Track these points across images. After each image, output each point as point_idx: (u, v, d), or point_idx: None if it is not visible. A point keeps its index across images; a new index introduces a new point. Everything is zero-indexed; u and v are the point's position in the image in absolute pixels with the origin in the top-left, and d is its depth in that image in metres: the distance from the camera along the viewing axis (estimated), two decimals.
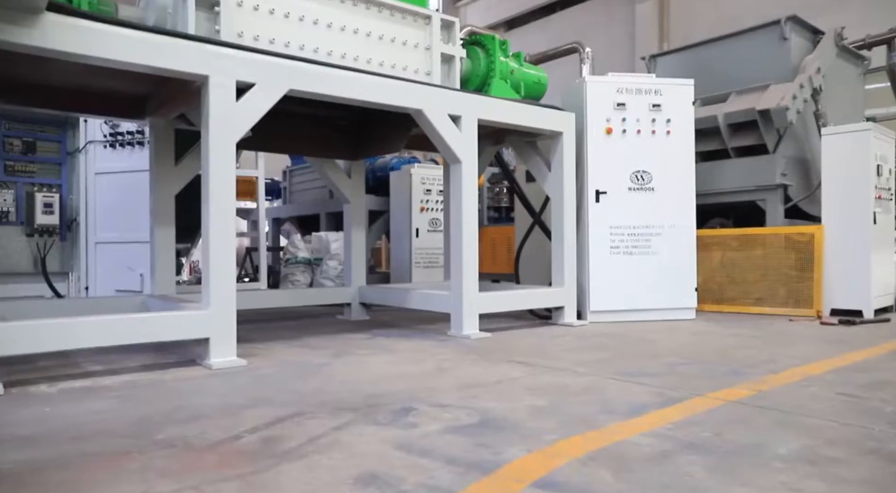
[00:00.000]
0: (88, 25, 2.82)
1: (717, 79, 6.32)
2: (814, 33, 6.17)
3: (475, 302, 4.24)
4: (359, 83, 3.71)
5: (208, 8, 3.46)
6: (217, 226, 3.20)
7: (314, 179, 8.62)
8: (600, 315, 4.94)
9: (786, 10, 14.48)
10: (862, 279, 5.06)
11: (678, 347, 3.71)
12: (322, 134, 4.75)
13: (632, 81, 5.04)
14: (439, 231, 7.19)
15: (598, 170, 4.95)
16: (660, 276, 5.01)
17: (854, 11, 13.02)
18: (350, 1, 3.99)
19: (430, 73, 4.35)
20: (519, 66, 5.07)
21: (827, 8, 13.46)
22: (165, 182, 4.32)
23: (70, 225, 5.89)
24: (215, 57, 3.17)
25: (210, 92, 3.17)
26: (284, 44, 3.71)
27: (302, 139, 4.71)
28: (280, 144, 4.63)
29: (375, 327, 4.81)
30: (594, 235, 4.94)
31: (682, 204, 5.08)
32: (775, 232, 5.46)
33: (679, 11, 16.06)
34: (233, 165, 3.30)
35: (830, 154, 5.22)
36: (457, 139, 4.14)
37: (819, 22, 13.72)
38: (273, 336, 4.31)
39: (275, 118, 3.54)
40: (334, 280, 7.33)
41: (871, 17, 12.63)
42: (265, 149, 5.92)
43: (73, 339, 2.82)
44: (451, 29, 4.49)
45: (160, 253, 4.35)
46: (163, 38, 3.03)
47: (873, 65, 9.68)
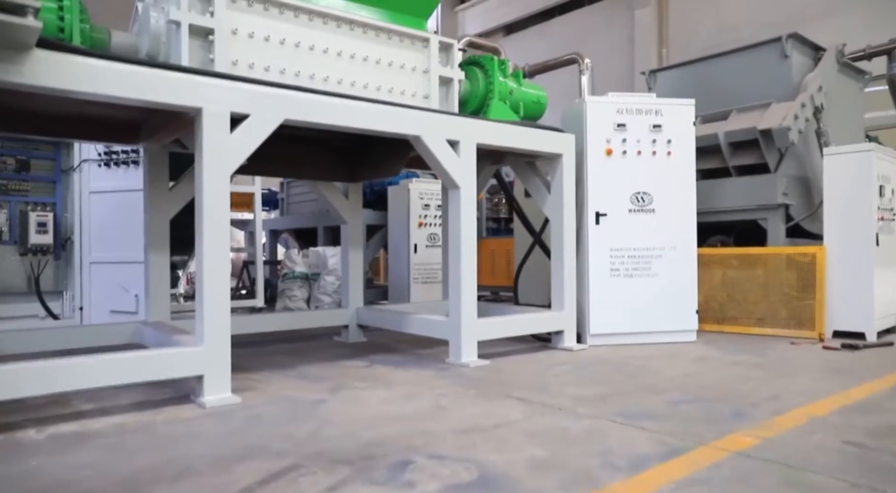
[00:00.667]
0: (79, 61, 2.76)
1: (717, 94, 6.28)
2: (815, 50, 6.12)
3: (474, 329, 4.19)
4: (355, 111, 3.65)
5: (202, 36, 3.40)
6: (211, 261, 3.14)
7: (312, 191, 8.56)
8: (600, 338, 4.88)
9: (786, 16, 14.50)
10: (864, 301, 5.01)
11: (680, 378, 3.66)
12: (318, 157, 4.70)
13: (632, 102, 4.99)
14: (438, 246, 7.14)
15: (598, 191, 4.89)
16: (660, 298, 4.95)
17: (856, 17, 12.98)
18: (346, 26, 3.94)
19: (428, 97, 4.29)
20: (518, 86, 5.01)
21: (828, 14, 13.44)
22: (159, 207, 4.26)
23: (64, 244, 5.83)
24: (209, 89, 3.11)
25: (203, 124, 3.12)
26: (280, 71, 3.66)
27: (297, 163, 4.65)
28: (275, 167, 4.57)
29: (373, 351, 4.76)
30: (594, 258, 4.88)
31: (682, 225, 5.02)
32: (777, 252, 5.41)
33: (678, 18, 16.01)
34: (227, 198, 3.23)
35: (832, 175, 5.17)
36: (455, 165, 4.09)
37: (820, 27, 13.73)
38: (268, 363, 4.25)
39: (269, 141, 3.48)
40: (332, 296, 7.29)
41: (872, 23, 12.61)
42: (259, 173, 5.87)
43: (63, 382, 2.76)
44: (449, 51, 4.43)
45: (154, 278, 4.29)
46: (154, 71, 2.97)
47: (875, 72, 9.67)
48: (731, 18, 14.83)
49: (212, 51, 3.40)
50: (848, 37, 12.79)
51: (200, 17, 3.34)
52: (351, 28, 3.95)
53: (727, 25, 14.93)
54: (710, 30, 15.25)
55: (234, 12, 3.50)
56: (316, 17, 3.81)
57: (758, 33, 14.16)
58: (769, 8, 14.15)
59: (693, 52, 15.60)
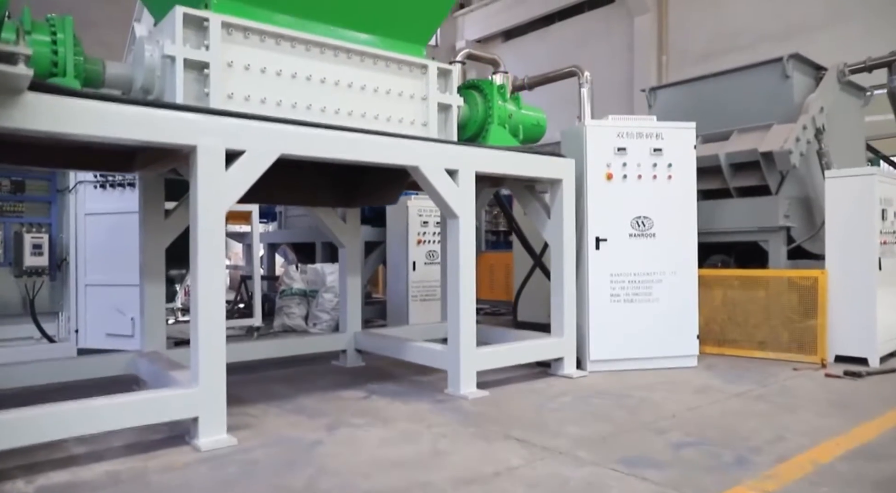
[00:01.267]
0: (70, 103, 2.71)
1: (718, 113, 6.24)
2: (816, 69, 6.08)
3: (472, 360, 4.14)
4: (352, 143, 3.60)
5: (198, 70, 3.35)
6: (206, 302, 3.09)
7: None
8: (600, 364, 4.84)
9: (784, 25, 14.46)
10: (867, 327, 4.97)
11: (681, 414, 3.61)
12: (315, 183, 4.64)
13: (632, 125, 4.94)
14: (436, 263, 7.09)
15: (598, 216, 4.85)
16: (661, 323, 4.91)
17: (855, 26, 12.95)
18: (344, 54, 3.89)
19: (427, 124, 4.25)
20: (517, 109, 4.97)
21: (827, 23, 13.40)
22: (155, 236, 4.21)
23: (60, 265, 5.77)
24: (203, 127, 3.06)
25: (198, 162, 3.07)
26: (276, 103, 3.61)
27: (293, 189, 4.60)
28: (270, 194, 4.51)
29: (371, 378, 4.71)
30: (594, 283, 4.84)
31: (683, 250, 4.98)
32: (778, 275, 5.37)
33: (678, 25, 15.98)
34: (222, 236, 3.19)
35: (833, 198, 5.13)
36: (454, 194, 4.04)
37: (819, 37, 13.70)
38: (265, 394, 4.20)
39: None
40: (330, 313, 7.25)
41: (872, 32, 12.57)
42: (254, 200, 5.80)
43: (57, 430, 2.71)
44: (448, 77, 4.39)
45: (149, 307, 4.25)
46: (147, 110, 2.92)
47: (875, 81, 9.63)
48: (730, 27, 14.80)
49: (207, 84, 3.35)
50: (847, 46, 12.82)
51: (195, 52, 3.30)
52: (348, 56, 3.91)
53: (726, 33, 14.90)
54: (709, 37, 15.22)
55: (229, 44, 3.45)
56: (313, 46, 3.76)
57: (756, 42, 14.25)
58: (768, 17, 14.12)
59: (692, 59, 15.62)
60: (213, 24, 3.34)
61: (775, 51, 14.24)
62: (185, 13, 3.28)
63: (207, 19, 3.33)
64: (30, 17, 3.20)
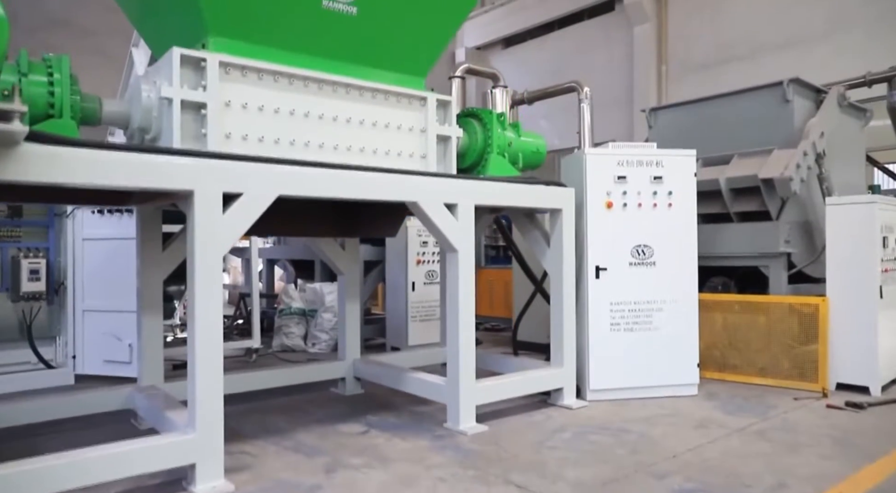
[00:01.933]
0: (67, 153, 2.69)
1: (718, 135, 6.22)
2: (816, 92, 6.06)
3: (472, 395, 4.12)
4: (351, 181, 3.58)
5: (195, 110, 3.33)
6: (203, 347, 3.06)
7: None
8: (600, 394, 4.82)
9: (783, 36, 14.46)
10: (868, 355, 4.95)
11: (682, 454, 3.58)
12: (313, 214, 4.62)
13: (633, 153, 4.92)
14: (436, 283, 7.07)
15: (598, 245, 4.83)
16: (661, 352, 4.89)
17: (856, 35, 12.93)
18: (343, 89, 3.87)
19: (426, 156, 4.23)
20: (517, 137, 4.95)
21: (826, 34, 13.39)
22: (152, 269, 4.19)
23: (57, 289, 5.75)
24: (200, 171, 3.04)
25: (195, 206, 3.04)
26: (274, 140, 3.59)
27: (292, 221, 4.56)
28: (268, 227, 4.50)
29: (369, 407, 4.69)
30: (594, 312, 4.82)
31: (683, 279, 4.96)
32: (779, 301, 5.34)
33: (677, 35, 15.97)
34: (220, 279, 3.17)
35: (834, 225, 5.11)
36: (453, 228, 4.02)
37: (821, 47, 13.67)
38: (263, 427, 4.18)
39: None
40: (328, 333, 7.24)
41: (873, 41, 12.56)
42: (253, 233, 5.80)
43: (47, 484, 2.67)
44: (447, 108, 4.37)
45: (147, 340, 4.22)
46: (144, 156, 2.90)
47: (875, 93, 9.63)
48: (730, 36, 14.79)
49: (204, 124, 3.33)
50: (847, 56, 12.82)
51: (192, 93, 3.28)
52: (347, 91, 3.89)
53: (726, 43, 14.89)
54: (709, 47, 15.20)
55: (227, 83, 3.43)
56: (311, 82, 3.74)
57: (756, 52, 14.25)
58: (768, 27, 14.11)
59: (692, 68, 15.61)
60: (210, 64, 3.32)
61: (775, 61, 14.30)
62: (183, 54, 3.26)
63: (205, 59, 3.32)
64: (27, 59, 3.17)
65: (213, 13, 3.36)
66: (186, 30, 3.55)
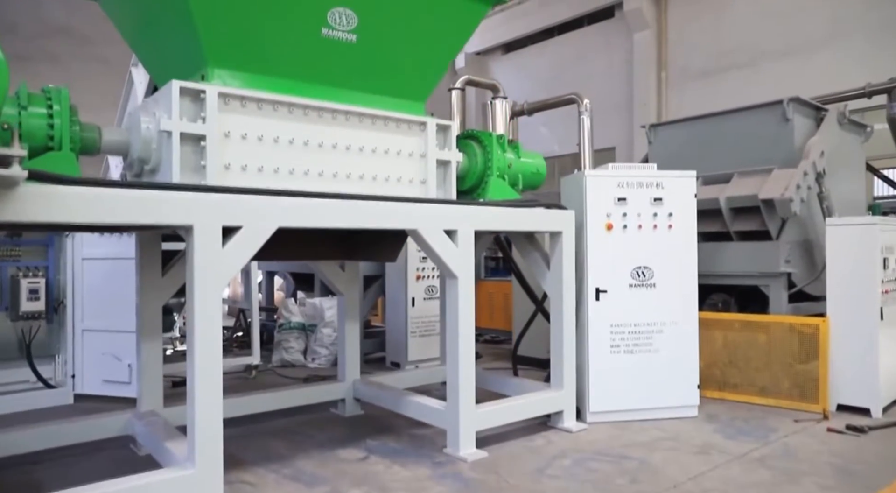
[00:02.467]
0: (65, 191, 2.68)
1: (718, 152, 6.23)
2: (816, 110, 6.06)
3: (472, 421, 4.11)
4: (350, 210, 3.57)
5: (194, 142, 3.33)
6: (202, 382, 3.06)
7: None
8: (600, 416, 4.81)
9: (783, 44, 14.45)
10: (869, 376, 4.94)
11: (683, 484, 3.57)
12: (314, 239, 4.61)
13: (633, 174, 4.92)
14: (435, 298, 7.06)
15: (598, 267, 4.82)
16: (661, 374, 4.88)
17: (857, 43, 12.94)
18: (343, 116, 3.87)
19: (426, 181, 4.22)
20: (516, 158, 4.94)
21: (826, 42, 13.40)
22: (152, 295, 4.18)
23: (57, 308, 5.74)
24: (199, 206, 3.03)
25: (194, 240, 3.04)
26: (274, 170, 3.59)
27: (292, 246, 4.55)
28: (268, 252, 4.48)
29: (369, 430, 4.67)
30: (594, 334, 4.81)
31: (683, 300, 4.95)
32: (779, 321, 5.34)
33: (677, 41, 15.98)
34: (219, 312, 3.16)
35: (835, 246, 5.10)
36: (453, 255, 4.01)
37: (822, 54, 13.66)
38: (263, 453, 4.17)
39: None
40: (328, 348, 7.23)
41: (873, 49, 12.56)
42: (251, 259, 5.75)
43: None
44: (447, 132, 4.36)
45: (146, 365, 4.21)
46: (143, 193, 2.89)
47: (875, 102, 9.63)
48: (730, 44, 14.79)
49: (204, 157, 3.33)
50: (848, 64, 12.81)
51: (192, 125, 3.27)
52: (347, 118, 3.88)
53: (726, 50, 14.90)
54: (709, 54, 15.21)
55: (226, 114, 3.42)
56: (311, 110, 3.74)
57: (757, 59, 14.25)
58: (768, 34, 14.11)
59: (691, 75, 15.61)
60: (209, 96, 3.31)
61: (776, 68, 14.30)
62: (182, 87, 3.25)
63: (204, 91, 3.31)
64: (26, 91, 3.17)
65: (213, 44, 3.36)
66: (186, 59, 3.55)
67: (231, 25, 3.38)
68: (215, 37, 3.35)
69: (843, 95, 9.25)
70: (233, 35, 3.41)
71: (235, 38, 3.42)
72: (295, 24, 3.56)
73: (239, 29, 3.41)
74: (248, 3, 3.39)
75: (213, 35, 3.34)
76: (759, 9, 14.43)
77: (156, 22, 3.62)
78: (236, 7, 3.36)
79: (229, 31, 3.39)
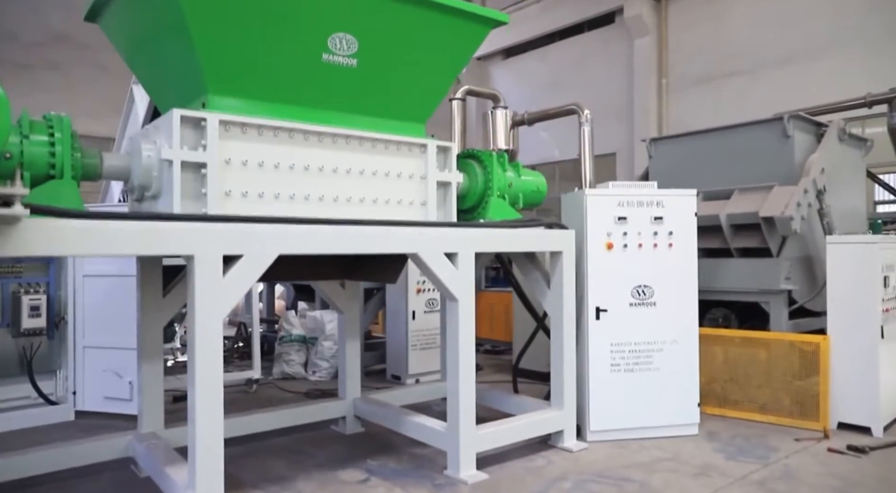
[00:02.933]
0: (67, 225, 2.70)
1: (718, 167, 6.24)
2: (817, 126, 6.06)
3: (472, 443, 4.11)
4: (350, 236, 3.58)
5: (195, 169, 3.33)
6: (203, 411, 3.06)
7: None
8: (601, 434, 4.82)
9: (784, 50, 14.44)
10: (870, 395, 4.94)
11: None
12: (315, 260, 4.61)
13: (633, 193, 4.92)
14: (436, 311, 7.07)
15: (598, 286, 4.83)
16: (661, 393, 4.89)
17: (855, 53, 12.94)
18: (343, 140, 3.88)
19: (426, 203, 4.23)
20: (517, 177, 4.95)
21: (827, 49, 13.40)
22: (153, 317, 4.19)
23: (58, 323, 5.75)
24: (200, 236, 3.05)
25: (196, 269, 3.05)
26: (275, 195, 3.60)
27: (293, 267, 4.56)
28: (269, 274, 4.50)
29: (370, 450, 4.67)
30: (594, 353, 4.82)
31: (684, 319, 4.96)
32: (780, 338, 5.34)
33: (678, 47, 15.97)
34: (220, 340, 3.17)
35: (835, 263, 5.10)
36: (453, 277, 4.02)
37: (822, 62, 13.65)
38: (263, 474, 4.17)
39: None
40: (329, 361, 7.24)
41: (874, 58, 12.57)
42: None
43: None
44: (447, 154, 4.37)
45: (147, 388, 4.22)
46: (144, 224, 2.91)
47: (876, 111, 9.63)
48: (730, 50, 14.79)
49: (204, 184, 3.33)
50: (847, 73, 12.81)
51: (192, 153, 3.28)
52: (347, 142, 3.89)
53: (726, 57, 14.90)
54: (709, 61, 15.21)
55: (227, 141, 3.43)
56: (311, 135, 3.75)
57: (757, 66, 14.25)
58: (769, 41, 14.11)
59: (691, 81, 15.61)
60: (210, 124, 3.33)
61: (776, 75, 14.29)
62: (183, 115, 3.26)
63: (205, 119, 3.32)
64: (28, 120, 3.17)
65: (214, 72, 3.37)
66: (186, 84, 3.56)
67: (232, 52, 3.39)
68: (216, 64, 3.37)
69: (843, 104, 9.26)
70: (234, 62, 3.42)
71: (237, 64, 3.43)
72: (296, 50, 3.57)
73: (240, 56, 3.42)
74: (250, 31, 3.40)
75: (215, 62, 3.36)
76: (759, 15, 14.43)
77: (156, 47, 3.64)
78: (237, 34, 3.37)
79: (230, 58, 3.40)
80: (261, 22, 3.41)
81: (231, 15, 3.32)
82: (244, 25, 3.38)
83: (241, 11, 3.33)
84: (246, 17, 3.36)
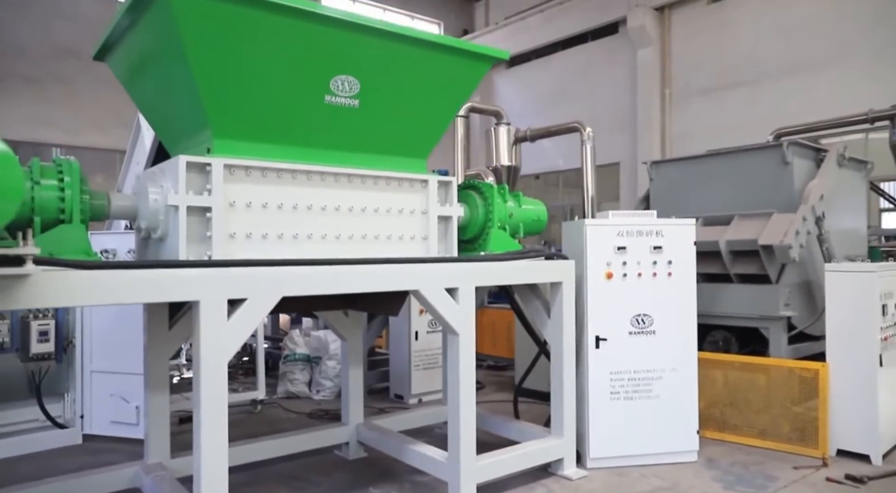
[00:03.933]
0: (75, 276, 2.77)
1: (718, 191, 6.28)
2: (816, 151, 6.10)
3: (473, 475, 4.16)
4: (352, 276, 3.65)
5: (200, 213, 3.41)
6: (209, 451, 3.13)
7: None
8: (600, 462, 4.86)
9: (787, 62, 14.44)
10: (868, 423, 4.97)
11: None
12: None
13: (633, 223, 4.97)
14: (439, 331, 7.13)
15: (597, 315, 4.88)
16: (661, 420, 4.93)
17: (860, 64, 12.96)
18: (345, 178, 3.94)
19: (427, 238, 4.29)
20: (517, 206, 5.01)
21: (830, 61, 13.42)
22: (159, 349, 4.27)
23: (66, 347, 5.84)
24: (205, 281, 3.11)
25: (201, 314, 3.12)
26: (278, 236, 3.66)
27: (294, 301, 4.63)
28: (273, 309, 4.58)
29: (372, 476, 4.74)
30: (594, 381, 4.87)
31: (683, 347, 5.00)
32: (779, 364, 5.38)
33: (681, 58, 16.03)
34: (224, 384, 3.24)
35: (834, 292, 5.13)
36: (453, 312, 4.08)
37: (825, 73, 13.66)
38: None
39: None
40: (333, 380, 7.31)
41: (877, 70, 12.59)
42: None
43: None
44: (448, 188, 4.43)
45: (154, 420, 4.29)
46: (149, 273, 2.98)
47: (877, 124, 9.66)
48: (733, 62, 14.84)
49: (209, 227, 3.41)
50: (849, 85, 12.82)
51: (198, 198, 3.35)
52: (349, 180, 3.96)
53: (729, 68, 14.94)
54: (712, 72, 15.26)
55: (231, 184, 3.50)
56: (314, 175, 3.81)
57: (760, 77, 14.28)
58: (771, 53, 14.14)
59: (694, 92, 15.65)
60: (215, 169, 3.39)
61: (779, 86, 14.29)
62: (189, 161, 3.34)
63: (210, 164, 3.39)
64: (38, 165, 3.25)
65: (218, 118, 3.44)
66: (191, 127, 3.64)
67: (236, 98, 3.46)
68: (221, 110, 3.44)
69: (845, 120, 9.30)
70: (238, 108, 3.49)
71: (241, 110, 3.51)
72: (299, 93, 3.64)
73: (244, 102, 3.50)
74: (254, 78, 3.47)
75: (219, 109, 3.43)
76: (762, 26, 14.46)
77: (162, 91, 3.72)
78: (242, 81, 3.44)
79: (235, 104, 3.47)
80: (265, 67, 3.49)
81: (235, 61, 3.39)
82: (248, 71, 3.45)
83: (246, 58, 3.41)
84: (250, 63, 3.44)
